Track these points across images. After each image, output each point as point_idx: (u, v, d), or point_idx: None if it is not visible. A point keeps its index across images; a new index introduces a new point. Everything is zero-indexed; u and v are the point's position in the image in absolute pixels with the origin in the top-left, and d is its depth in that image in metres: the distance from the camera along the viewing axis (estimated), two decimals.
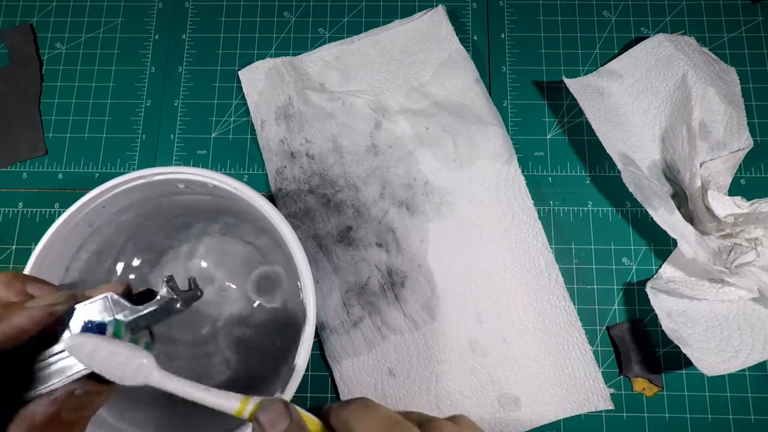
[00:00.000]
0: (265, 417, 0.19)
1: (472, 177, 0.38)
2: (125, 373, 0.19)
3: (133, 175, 0.28)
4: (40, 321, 0.21)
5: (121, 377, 0.19)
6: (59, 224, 0.28)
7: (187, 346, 0.35)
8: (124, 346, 0.20)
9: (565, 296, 0.35)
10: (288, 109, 0.39)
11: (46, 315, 0.21)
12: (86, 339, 0.20)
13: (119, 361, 0.19)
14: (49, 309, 0.21)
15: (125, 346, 0.20)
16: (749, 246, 0.35)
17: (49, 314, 0.21)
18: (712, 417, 0.35)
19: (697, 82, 0.37)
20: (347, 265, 0.36)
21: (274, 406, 0.19)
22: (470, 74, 0.40)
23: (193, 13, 0.43)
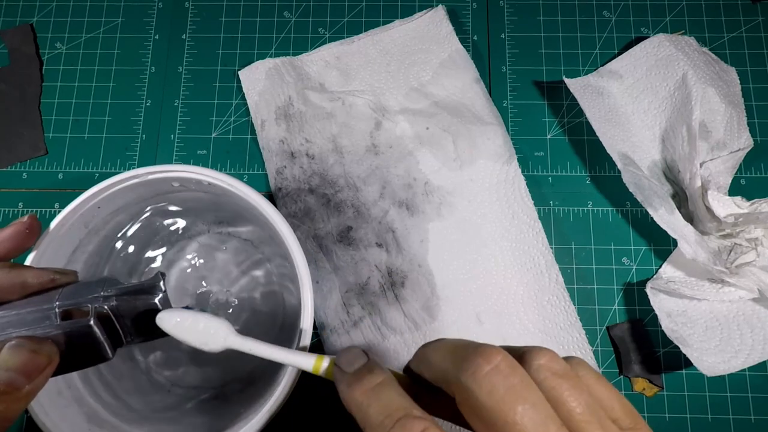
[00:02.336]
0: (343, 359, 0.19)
1: (472, 177, 0.38)
2: (207, 339, 0.22)
3: (127, 175, 0.28)
4: (42, 283, 0.24)
5: (204, 342, 0.22)
6: (54, 226, 0.28)
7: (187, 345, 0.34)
8: (203, 316, 0.22)
9: (565, 296, 0.35)
10: (288, 109, 0.39)
11: (49, 279, 0.24)
12: (172, 312, 0.22)
13: (200, 328, 0.22)
14: (53, 275, 0.24)
15: (204, 316, 0.22)
16: (749, 246, 0.35)
17: (51, 280, 0.24)
18: (712, 417, 0.35)
19: (697, 82, 0.37)
20: (347, 265, 0.36)
21: (350, 349, 0.20)
22: (470, 74, 0.40)
23: (193, 13, 0.43)
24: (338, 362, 0.19)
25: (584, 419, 0.16)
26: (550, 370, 0.16)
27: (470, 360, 0.16)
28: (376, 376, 0.18)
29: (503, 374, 0.16)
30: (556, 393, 0.16)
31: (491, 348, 0.16)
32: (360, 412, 0.17)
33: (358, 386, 0.18)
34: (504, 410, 0.15)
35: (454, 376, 0.16)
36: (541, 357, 0.17)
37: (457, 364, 0.17)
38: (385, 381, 0.18)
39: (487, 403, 0.15)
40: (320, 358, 0.21)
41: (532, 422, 0.15)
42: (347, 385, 0.18)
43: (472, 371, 0.16)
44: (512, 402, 0.15)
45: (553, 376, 0.16)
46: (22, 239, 0.25)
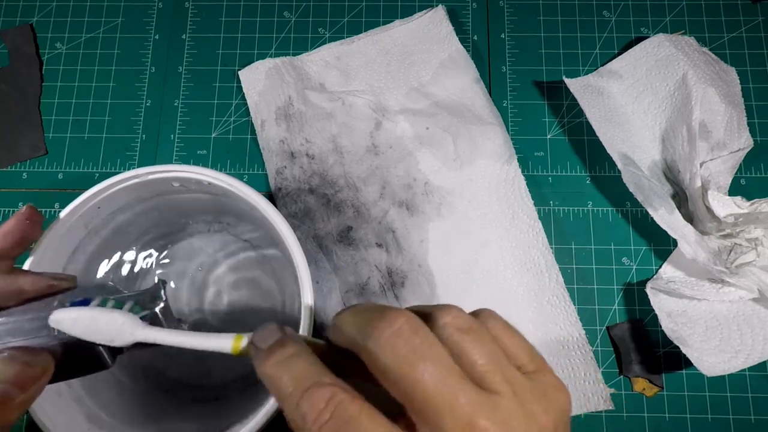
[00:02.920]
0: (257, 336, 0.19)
1: (472, 177, 0.38)
2: (112, 335, 0.20)
3: (127, 175, 0.28)
4: (40, 289, 0.23)
5: (110, 339, 0.20)
6: (55, 226, 0.28)
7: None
8: (103, 311, 0.21)
9: (565, 296, 0.35)
10: (288, 109, 0.39)
11: (47, 286, 0.24)
12: (67, 311, 0.21)
13: (101, 325, 0.20)
14: (51, 281, 0.24)
15: (104, 311, 0.21)
16: (749, 246, 0.35)
17: (49, 286, 0.24)
18: (712, 417, 0.35)
19: (698, 82, 0.37)
20: (347, 265, 0.36)
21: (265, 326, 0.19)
22: (470, 74, 0.40)
23: (193, 13, 0.43)
24: (254, 339, 0.19)
25: (486, 369, 0.16)
26: (454, 326, 0.17)
27: (374, 325, 0.17)
28: (288, 349, 0.18)
29: (405, 336, 0.16)
30: (459, 347, 0.17)
31: (394, 311, 0.17)
32: (272, 385, 0.18)
33: (270, 360, 0.18)
34: (406, 370, 0.16)
35: (361, 341, 0.17)
36: (446, 315, 0.17)
37: (363, 329, 0.17)
38: (297, 352, 0.18)
39: (390, 364, 0.16)
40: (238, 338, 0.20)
41: (432, 378, 0.15)
42: (261, 361, 0.18)
43: (375, 336, 0.16)
44: (414, 361, 0.16)
45: (457, 332, 0.17)
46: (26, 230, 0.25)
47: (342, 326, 0.18)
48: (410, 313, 0.17)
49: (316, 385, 0.16)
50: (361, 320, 0.18)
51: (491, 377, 0.16)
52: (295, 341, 0.19)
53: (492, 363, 0.17)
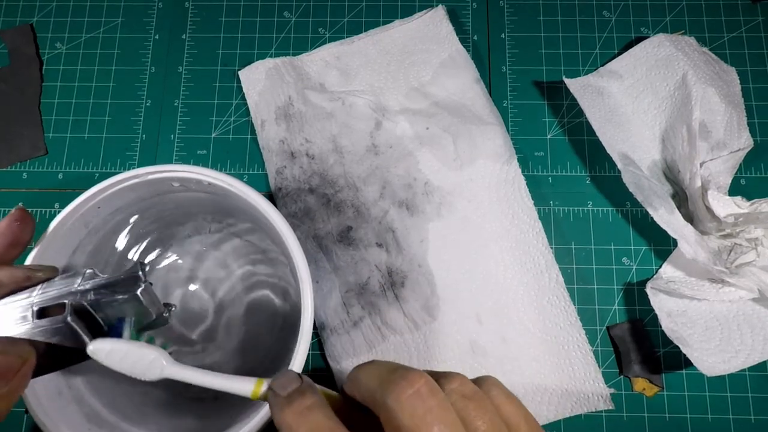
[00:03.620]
0: (277, 383, 0.20)
1: (472, 177, 0.38)
2: (143, 370, 0.22)
3: (127, 175, 0.28)
4: (18, 281, 0.24)
5: (141, 373, 0.22)
6: (55, 226, 0.28)
7: (187, 345, 0.35)
8: (136, 346, 0.22)
9: (565, 296, 0.35)
10: (288, 109, 0.39)
11: (25, 277, 0.24)
12: (103, 343, 0.22)
13: (134, 359, 0.22)
14: (28, 272, 0.24)
15: (138, 345, 0.22)
16: (749, 246, 0.35)
17: (27, 277, 0.24)
18: (712, 417, 0.35)
19: (697, 82, 0.37)
20: (347, 265, 0.36)
21: (285, 373, 0.20)
22: (470, 74, 0.40)
23: (193, 13, 0.43)
24: (273, 386, 0.20)
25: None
26: (459, 393, 0.18)
27: (395, 383, 0.18)
28: (306, 399, 0.19)
29: (423, 397, 0.17)
30: (464, 413, 0.18)
31: (415, 373, 0.18)
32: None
33: (288, 409, 0.19)
34: (422, 430, 0.16)
35: (380, 397, 0.18)
36: (453, 381, 0.19)
37: (384, 386, 0.18)
38: (315, 404, 0.19)
39: (407, 423, 0.17)
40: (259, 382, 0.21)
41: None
42: (279, 409, 0.19)
43: (396, 394, 0.17)
44: (429, 422, 0.17)
45: (462, 398, 0.18)
46: (17, 232, 0.25)
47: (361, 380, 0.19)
48: (428, 376, 0.18)
49: None
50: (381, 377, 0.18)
51: None
52: (314, 392, 0.19)
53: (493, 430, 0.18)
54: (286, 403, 0.19)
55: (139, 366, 0.22)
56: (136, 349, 0.22)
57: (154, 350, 0.22)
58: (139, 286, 0.23)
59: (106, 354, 0.22)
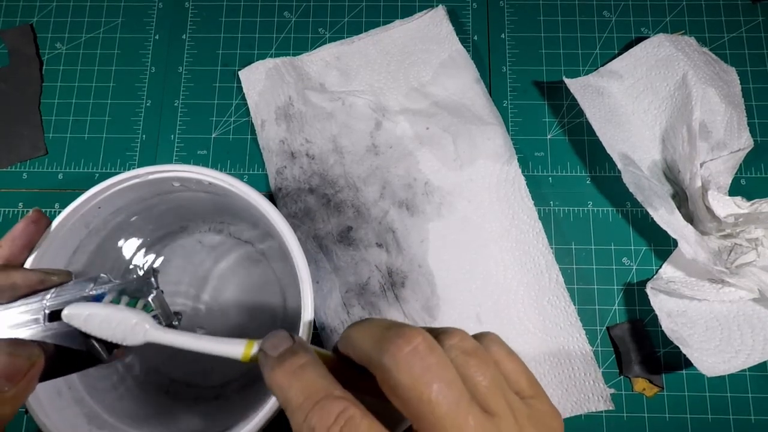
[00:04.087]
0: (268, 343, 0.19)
1: (472, 177, 0.38)
2: (124, 334, 0.20)
3: (127, 175, 0.28)
4: (32, 284, 0.23)
5: (121, 338, 0.20)
6: (55, 226, 0.28)
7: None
8: (117, 309, 0.21)
9: (565, 296, 0.35)
10: (288, 109, 0.39)
11: (39, 281, 0.24)
12: (81, 307, 0.21)
13: (114, 324, 0.20)
14: (43, 276, 0.24)
15: (119, 309, 0.21)
16: (749, 246, 0.35)
17: (41, 281, 0.24)
18: (712, 417, 0.35)
19: (698, 82, 0.37)
20: (347, 266, 0.36)
21: (276, 333, 0.20)
22: (470, 74, 0.40)
23: (193, 13, 0.43)
24: (263, 346, 0.19)
25: (489, 391, 0.17)
26: (460, 349, 0.17)
27: (391, 341, 0.17)
28: (299, 358, 0.18)
29: (421, 355, 0.16)
30: (465, 369, 0.17)
31: (412, 329, 0.17)
32: (281, 395, 0.18)
33: (280, 369, 0.18)
34: (420, 389, 0.16)
35: (376, 356, 0.17)
36: (453, 337, 0.18)
37: (379, 344, 0.17)
38: (308, 362, 0.18)
39: (404, 382, 0.16)
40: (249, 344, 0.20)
41: (446, 399, 0.16)
42: (270, 369, 0.18)
43: (392, 352, 0.16)
44: (428, 381, 0.16)
45: (463, 354, 0.17)
46: (32, 233, 0.26)
47: (355, 339, 0.18)
48: (425, 333, 0.17)
49: (326, 398, 0.16)
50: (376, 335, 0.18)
51: (494, 400, 0.17)
52: (306, 351, 0.19)
53: (494, 386, 0.17)
54: (278, 363, 0.18)
55: (119, 330, 0.20)
56: (117, 312, 0.20)
57: (136, 313, 0.21)
58: (150, 293, 0.22)
59: (84, 318, 0.20)
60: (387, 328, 0.18)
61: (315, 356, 0.19)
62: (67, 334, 0.21)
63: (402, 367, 0.16)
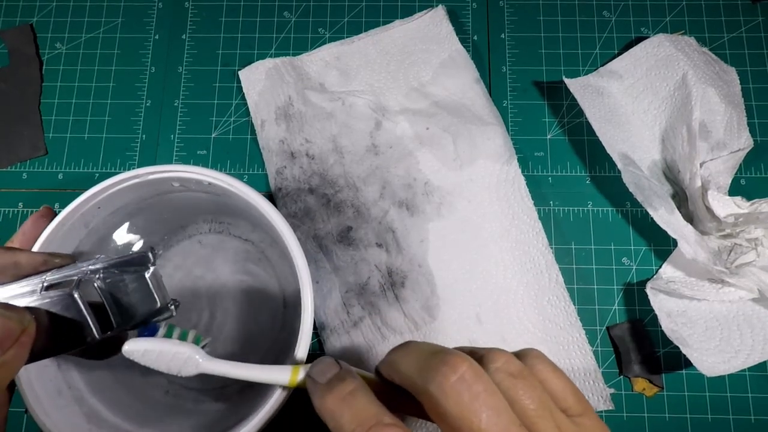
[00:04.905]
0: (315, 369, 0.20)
1: (472, 177, 0.38)
2: (179, 367, 0.22)
3: (127, 175, 0.28)
4: (35, 265, 0.24)
5: (177, 370, 0.22)
6: (55, 226, 0.28)
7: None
8: (170, 344, 0.22)
9: (565, 296, 0.35)
10: (288, 109, 0.39)
11: (42, 261, 0.24)
12: (137, 343, 0.22)
13: (169, 358, 0.22)
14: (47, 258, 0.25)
15: (171, 344, 0.22)
16: (749, 246, 0.35)
17: (45, 261, 0.25)
18: (712, 417, 0.35)
19: (697, 82, 0.37)
20: (347, 265, 0.36)
21: (322, 359, 0.20)
22: (470, 74, 0.40)
23: (193, 13, 0.43)
24: (311, 373, 0.20)
25: (537, 414, 0.17)
26: (506, 372, 0.17)
27: (437, 369, 0.17)
28: (347, 385, 0.19)
29: (468, 383, 0.16)
30: (512, 393, 0.17)
31: (456, 356, 0.17)
32: (333, 421, 0.18)
33: (330, 396, 0.18)
34: (470, 418, 0.16)
35: (421, 384, 0.17)
36: (498, 359, 0.18)
37: (424, 373, 0.17)
38: (357, 389, 0.18)
39: (453, 411, 0.16)
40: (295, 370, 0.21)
41: (495, 428, 0.16)
42: (320, 396, 0.19)
43: (438, 381, 0.17)
44: (477, 410, 0.16)
45: (509, 377, 0.17)
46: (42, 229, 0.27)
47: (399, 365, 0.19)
48: (470, 359, 0.17)
49: (378, 425, 0.17)
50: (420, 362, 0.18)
51: (542, 423, 0.17)
52: (353, 377, 0.19)
53: (542, 409, 0.17)
54: (327, 390, 0.19)
55: (174, 363, 0.22)
56: (170, 347, 0.22)
57: (187, 348, 0.22)
58: (147, 268, 0.23)
59: (141, 354, 0.22)
60: (432, 355, 0.18)
61: (362, 382, 0.19)
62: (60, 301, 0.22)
63: (450, 396, 0.16)
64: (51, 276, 0.23)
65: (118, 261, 0.23)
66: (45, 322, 0.21)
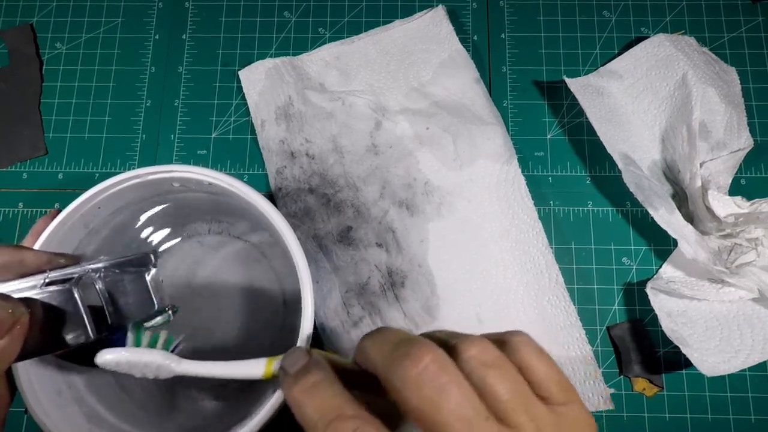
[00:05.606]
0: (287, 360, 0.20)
1: (472, 177, 0.38)
2: (156, 373, 0.22)
3: (127, 175, 0.28)
4: (40, 264, 0.24)
5: (155, 374, 0.22)
6: (55, 226, 0.28)
7: (188, 344, 0.34)
8: (139, 354, 0.22)
9: (565, 296, 0.35)
10: (288, 109, 0.39)
11: (47, 260, 0.25)
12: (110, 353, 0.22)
13: (142, 366, 0.22)
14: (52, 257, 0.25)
15: (141, 354, 0.22)
16: (749, 246, 0.35)
17: (49, 261, 0.25)
18: (712, 417, 0.35)
19: (697, 82, 0.37)
20: (347, 265, 0.36)
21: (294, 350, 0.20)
22: (470, 74, 0.40)
23: (193, 13, 0.43)
24: (283, 364, 0.20)
25: (510, 406, 0.16)
26: (479, 361, 0.17)
27: (399, 361, 0.16)
28: (312, 376, 0.19)
29: (431, 375, 0.16)
30: (484, 382, 0.16)
31: (421, 346, 0.16)
32: (298, 411, 0.18)
33: (296, 386, 0.18)
34: (432, 411, 0.15)
35: (385, 374, 0.17)
36: (471, 348, 0.17)
37: (388, 363, 0.17)
38: (322, 380, 0.18)
39: (414, 404, 0.16)
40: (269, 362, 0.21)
41: (458, 421, 0.15)
42: (288, 386, 0.19)
43: (400, 373, 0.16)
44: (439, 403, 0.15)
45: (482, 366, 0.17)
46: None
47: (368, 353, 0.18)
48: (436, 349, 0.16)
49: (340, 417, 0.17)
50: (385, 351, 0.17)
51: (515, 415, 0.16)
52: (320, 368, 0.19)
53: (516, 399, 0.16)
54: (294, 381, 0.19)
55: (149, 370, 0.22)
56: (139, 357, 0.22)
57: (157, 356, 0.22)
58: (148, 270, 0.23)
59: (114, 365, 0.22)
60: (396, 346, 0.17)
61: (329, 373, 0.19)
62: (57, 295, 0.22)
63: (411, 389, 0.16)
64: (54, 274, 0.23)
65: (119, 261, 0.23)
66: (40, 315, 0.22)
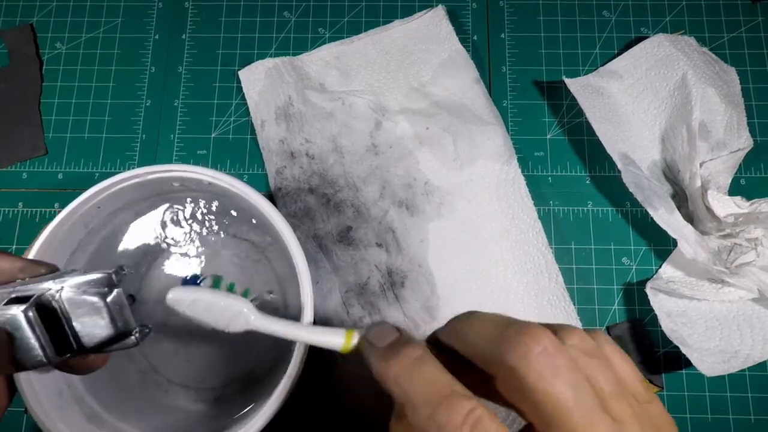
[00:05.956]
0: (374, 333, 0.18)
1: (472, 177, 0.38)
2: (228, 321, 0.20)
3: (127, 175, 0.28)
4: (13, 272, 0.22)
5: (224, 325, 0.20)
6: (54, 226, 0.27)
7: (188, 344, 0.35)
8: (220, 296, 0.20)
9: (565, 296, 0.35)
10: (288, 109, 0.39)
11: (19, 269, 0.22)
12: (185, 291, 0.20)
13: (218, 309, 0.20)
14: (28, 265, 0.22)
15: (222, 296, 0.20)
16: (749, 246, 0.35)
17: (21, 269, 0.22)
18: (712, 417, 0.35)
19: (697, 82, 0.37)
20: (347, 265, 0.36)
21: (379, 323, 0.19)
22: (470, 74, 0.40)
23: (193, 13, 0.43)
24: (369, 336, 0.18)
25: (613, 396, 0.16)
26: (581, 349, 0.16)
27: (518, 340, 0.16)
28: (413, 350, 0.17)
29: (551, 356, 0.15)
30: (587, 372, 0.16)
31: (537, 328, 0.16)
32: (400, 388, 0.17)
33: (395, 360, 0.17)
34: (555, 394, 0.15)
35: (497, 356, 0.16)
36: (573, 336, 0.17)
37: (501, 344, 0.16)
38: (424, 355, 0.17)
39: (537, 385, 0.15)
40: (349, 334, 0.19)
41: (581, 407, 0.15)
42: (383, 359, 0.17)
43: (521, 353, 0.15)
44: (560, 384, 0.15)
45: (584, 355, 0.16)
46: None
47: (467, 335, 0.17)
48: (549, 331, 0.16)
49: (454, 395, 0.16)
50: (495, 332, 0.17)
51: (619, 406, 0.16)
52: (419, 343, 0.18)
53: (618, 391, 0.16)
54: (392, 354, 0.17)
55: (223, 317, 0.20)
56: (220, 298, 0.20)
57: (240, 302, 0.20)
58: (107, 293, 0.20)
59: (188, 304, 0.20)
60: (508, 325, 0.16)
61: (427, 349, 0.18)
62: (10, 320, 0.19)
63: (533, 369, 0.15)
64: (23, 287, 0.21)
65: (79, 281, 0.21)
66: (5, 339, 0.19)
